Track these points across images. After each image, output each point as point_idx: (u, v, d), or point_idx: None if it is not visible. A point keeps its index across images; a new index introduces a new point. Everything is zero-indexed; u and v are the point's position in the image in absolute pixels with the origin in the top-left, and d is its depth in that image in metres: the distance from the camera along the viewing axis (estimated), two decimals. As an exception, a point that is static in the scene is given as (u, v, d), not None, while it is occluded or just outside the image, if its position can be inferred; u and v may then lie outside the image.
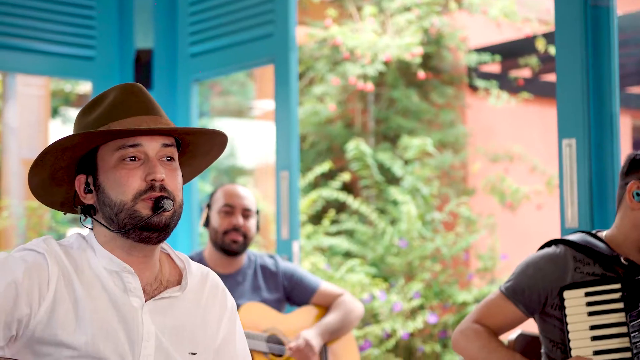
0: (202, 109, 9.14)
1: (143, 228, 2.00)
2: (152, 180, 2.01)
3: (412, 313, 6.58)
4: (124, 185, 2.00)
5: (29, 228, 7.97)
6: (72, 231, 9.42)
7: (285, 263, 4.03)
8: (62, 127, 10.98)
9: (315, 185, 7.80)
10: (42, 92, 8.63)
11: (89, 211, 2.07)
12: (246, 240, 3.89)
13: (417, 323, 6.31)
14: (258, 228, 3.99)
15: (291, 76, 4.70)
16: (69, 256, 2.02)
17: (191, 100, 5.08)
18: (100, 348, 1.96)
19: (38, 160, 2.01)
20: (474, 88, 8.18)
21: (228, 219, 3.86)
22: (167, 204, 2.00)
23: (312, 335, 3.69)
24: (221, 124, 10.09)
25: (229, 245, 3.85)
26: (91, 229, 2.11)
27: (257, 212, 3.99)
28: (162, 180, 2.02)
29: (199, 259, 3.89)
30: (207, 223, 3.95)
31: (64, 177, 2.08)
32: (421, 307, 6.66)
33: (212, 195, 3.99)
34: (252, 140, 9.48)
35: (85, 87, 9.97)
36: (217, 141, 2.16)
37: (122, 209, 2.00)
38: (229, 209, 3.87)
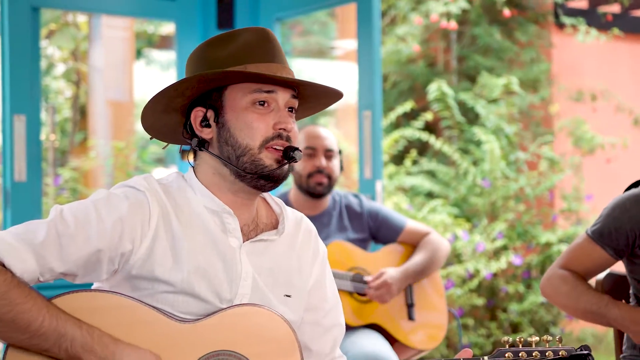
0: (283, 49, 9.10)
1: (262, 177, 2.01)
2: (281, 129, 2.01)
3: (496, 253, 6.54)
4: (254, 129, 2.00)
5: (116, 168, 8.12)
6: (158, 171, 9.58)
7: (370, 202, 4.02)
8: (145, 69, 11.11)
9: (397, 125, 7.75)
10: (126, 34, 8.72)
11: (203, 145, 2.07)
12: (331, 181, 3.87)
13: (501, 263, 6.27)
14: (342, 168, 3.97)
15: (374, 15, 4.65)
16: (169, 194, 2.05)
17: (273, 39, 5.07)
18: (196, 285, 1.99)
19: (174, 85, 2.01)
20: (560, 25, 7.98)
21: (311, 162, 3.85)
22: (298, 155, 2.01)
23: (394, 277, 3.69)
24: (302, 64, 10.07)
25: (314, 187, 3.85)
26: (192, 166, 2.12)
27: (340, 152, 3.97)
28: (291, 130, 2.03)
29: (284, 200, 3.90)
30: None
31: (177, 106, 2.09)
32: (504, 248, 6.62)
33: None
34: (333, 80, 9.44)
35: (167, 29, 10.04)
36: (325, 101, 2.17)
37: (246, 152, 2.01)
38: (311, 152, 3.86)
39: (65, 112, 10.00)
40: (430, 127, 7.77)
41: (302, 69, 9.73)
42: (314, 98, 2.15)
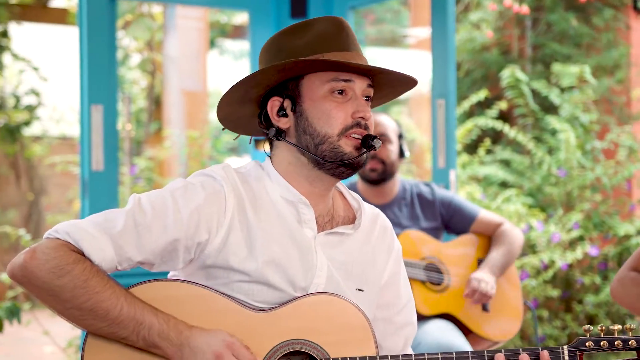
0: (357, 37, 9.08)
1: (342, 164, 2.02)
2: (359, 117, 2.02)
3: (571, 244, 6.44)
4: (333, 117, 2.01)
5: (190, 157, 8.21)
6: (231, 160, 9.66)
7: (442, 191, 3.99)
8: (219, 58, 11.20)
9: (470, 114, 7.68)
10: (200, 24, 8.80)
11: (280, 134, 2.08)
12: (386, 166, 3.83)
13: (577, 254, 6.17)
14: (402, 153, 3.91)
15: (448, 2, 4.60)
16: (246, 184, 2.06)
17: (346, 28, 5.06)
18: (270, 275, 2.00)
19: (253, 75, 2.03)
20: (638, 10, 7.80)
21: None
22: (377, 143, 2.02)
23: (483, 278, 3.64)
24: (375, 53, 10.04)
25: (368, 174, 3.83)
26: (268, 155, 2.13)
27: (401, 137, 3.91)
28: (369, 119, 2.04)
29: (354, 191, 3.90)
30: None
31: (253, 97, 2.10)
32: (580, 238, 6.51)
33: None
34: (406, 69, 9.39)
35: (241, 18, 10.10)
36: (400, 89, 2.17)
37: (325, 141, 2.01)
38: None
39: (141, 102, 10.16)
40: (504, 116, 7.68)
41: (375, 57, 9.70)
42: (388, 86, 2.14)
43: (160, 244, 1.94)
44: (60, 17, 9.67)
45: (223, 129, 2.19)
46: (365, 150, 2.02)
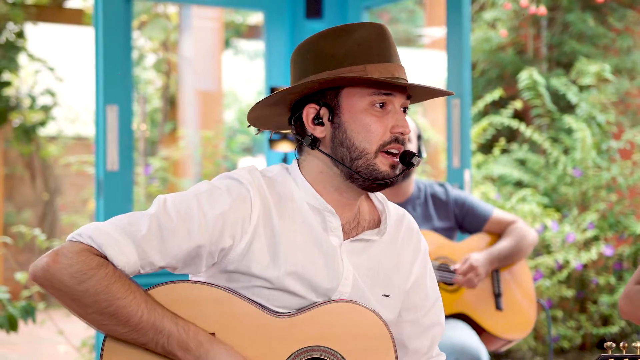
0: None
1: (375, 182, 2.00)
2: (398, 132, 1.99)
3: (586, 244, 6.41)
4: (372, 132, 1.98)
5: (205, 157, 8.23)
6: (245, 160, 9.67)
7: (456, 191, 3.98)
8: (234, 59, 11.22)
9: (485, 113, 7.66)
10: (215, 24, 8.82)
11: (315, 143, 2.04)
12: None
13: (591, 254, 6.15)
14: (420, 154, 3.91)
15: (464, 1, 4.60)
16: (272, 189, 2.03)
17: (361, 28, 5.06)
18: (291, 284, 1.98)
19: (300, 86, 1.99)
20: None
21: None
22: (416, 161, 2.00)
23: (479, 260, 3.66)
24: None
25: None
26: (297, 158, 2.10)
27: (419, 137, 3.91)
28: (408, 133, 2.01)
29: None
30: None
31: (288, 101, 2.06)
32: (595, 238, 6.48)
33: None
34: (420, 68, 9.38)
35: (256, 19, 10.12)
36: (431, 97, 2.14)
37: (362, 156, 1.98)
38: None
39: (155, 102, 10.19)
40: (519, 116, 7.66)
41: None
42: (423, 95, 2.12)
43: (184, 250, 1.92)
44: (75, 17, 9.71)
45: (248, 126, 2.16)
46: (405, 168, 2.00)
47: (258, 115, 2.11)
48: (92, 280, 1.83)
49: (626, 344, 1.96)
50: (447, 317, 3.66)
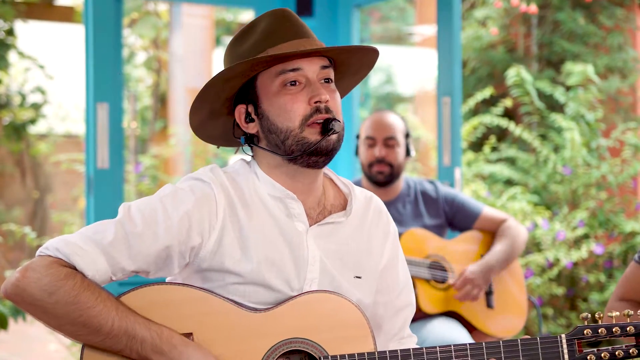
0: (361, 35, 9.13)
1: (311, 153, 2.00)
2: (316, 102, 2.00)
3: (576, 242, 6.43)
4: (290, 111, 1.99)
5: (195, 155, 8.22)
6: (236, 158, 9.67)
7: (446, 188, 3.99)
8: (224, 57, 11.20)
9: (475, 111, 7.67)
10: (206, 22, 8.81)
11: (252, 140, 2.08)
12: (393, 169, 3.84)
13: (581, 252, 6.16)
14: (409, 153, 3.92)
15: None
16: (235, 184, 2.05)
17: (352, 26, 5.06)
18: (265, 275, 2.00)
19: (200, 95, 2.03)
20: (645, 8, 7.79)
21: (370, 151, 3.84)
22: (337, 125, 1.99)
23: (475, 272, 3.65)
24: (380, 51, 10.03)
25: (375, 176, 3.84)
26: (252, 156, 2.12)
27: (408, 136, 3.91)
28: (327, 101, 2.01)
29: (358, 185, 3.89)
30: (357, 152, 3.96)
31: (222, 109, 2.09)
32: (586, 237, 6.50)
33: (362, 125, 3.97)
34: (411, 66, 9.39)
35: (246, 16, 10.11)
36: (367, 60, 2.14)
37: (289, 135, 2.00)
38: (371, 141, 3.85)
39: (146, 100, 10.17)
40: (509, 114, 7.67)
41: (380, 55, 9.70)
42: (353, 63, 2.12)
43: (153, 252, 1.94)
44: (66, 15, 9.69)
45: (218, 147, 2.20)
46: (325, 136, 2.00)
47: (210, 135, 2.14)
48: (61, 291, 1.85)
49: (602, 314, 1.99)
50: (438, 315, 3.67)
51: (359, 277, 2.12)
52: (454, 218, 3.91)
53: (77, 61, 5.10)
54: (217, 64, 10.21)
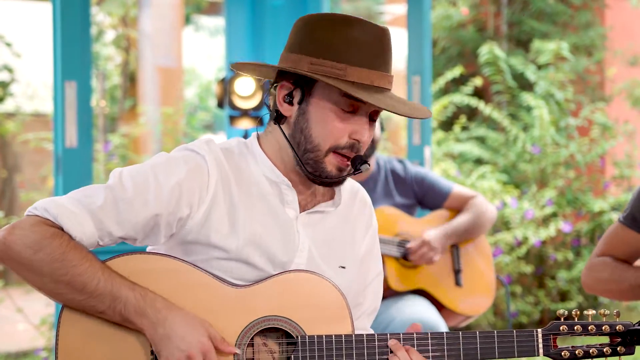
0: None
1: (319, 178, 2.02)
2: (355, 139, 2.00)
3: (545, 221, 6.49)
4: (330, 131, 1.98)
5: (165, 134, 8.18)
6: (206, 137, 9.63)
7: (416, 168, 4.00)
8: (194, 35, 11.13)
9: (445, 91, 7.70)
10: (175, 0, 8.74)
11: (280, 119, 2.05)
12: (374, 145, 3.86)
13: (550, 231, 6.22)
14: (382, 128, 3.92)
15: (423, -22, 4.60)
16: (231, 159, 2.05)
17: (322, 4, 5.04)
18: (250, 253, 2.00)
19: (274, 66, 2.04)
20: (613, -11, 7.83)
21: None
22: (364, 168, 2.02)
23: (433, 235, 3.68)
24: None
25: None
26: (257, 132, 2.11)
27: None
28: (365, 142, 2.02)
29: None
30: None
31: (269, 71, 2.10)
32: (554, 215, 6.56)
33: None
34: (381, 45, 9.38)
35: (216, -6, 10.04)
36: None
37: (314, 150, 2.00)
38: None
39: (115, 79, 10.09)
40: (479, 93, 7.70)
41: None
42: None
43: (141, 219, 1.94)
44: (33, -8, 9.57)
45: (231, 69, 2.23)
46: (352, 172, 2.02)
47: (246, 69, 2.20)
48: (47, 249, 1.86)
49: (578, 312, 2.02)
50: (407, 293, 3.69)
51: (344, 267, 2.13)
52: (423, 197, 3.92)
53: (45, 39, 5.04)
54: (187, 43, 10.15)
